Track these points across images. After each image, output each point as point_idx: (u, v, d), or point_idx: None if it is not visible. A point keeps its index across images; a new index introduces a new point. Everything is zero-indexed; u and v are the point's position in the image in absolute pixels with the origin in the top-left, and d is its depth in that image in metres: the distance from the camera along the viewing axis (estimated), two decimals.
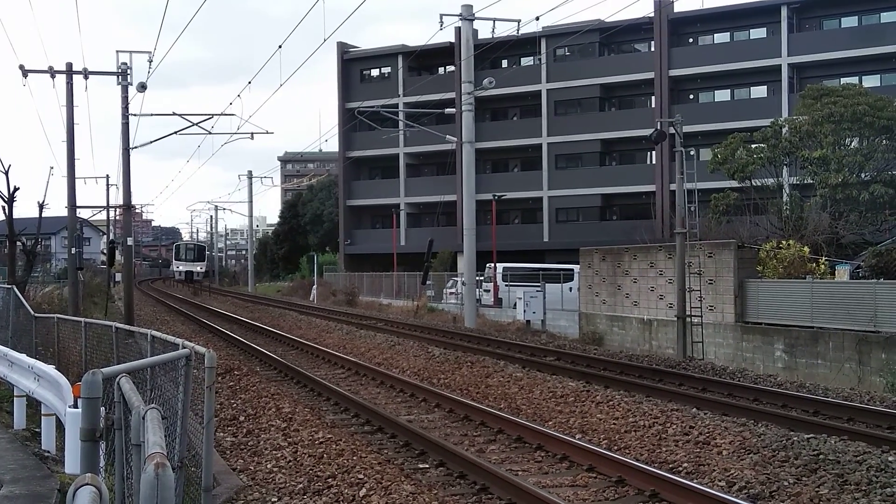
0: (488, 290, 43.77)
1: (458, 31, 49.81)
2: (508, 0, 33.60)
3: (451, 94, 53.59)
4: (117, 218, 63.68)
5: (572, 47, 59.05)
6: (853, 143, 35.37)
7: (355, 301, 50.80)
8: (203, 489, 8.18)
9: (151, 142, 40.13)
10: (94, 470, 5.85)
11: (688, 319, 24.43)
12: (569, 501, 9.12)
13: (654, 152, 55.80)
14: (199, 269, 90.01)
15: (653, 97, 57.15)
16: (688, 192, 25.89)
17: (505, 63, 62.69)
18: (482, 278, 43.17)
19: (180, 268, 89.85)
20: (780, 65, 52.32)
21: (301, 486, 9.82)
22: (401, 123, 49.86)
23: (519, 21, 31.28)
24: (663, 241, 37.72)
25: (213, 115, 32.19)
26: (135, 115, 31.24)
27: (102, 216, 67.91)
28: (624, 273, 30.36)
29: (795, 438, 11.05)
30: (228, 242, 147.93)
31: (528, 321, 34.38)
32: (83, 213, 54.00)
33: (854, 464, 9.95)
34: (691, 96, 58.19)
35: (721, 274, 25.85)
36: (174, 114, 32.22)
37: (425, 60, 64.23)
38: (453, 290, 45.67)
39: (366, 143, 66.12)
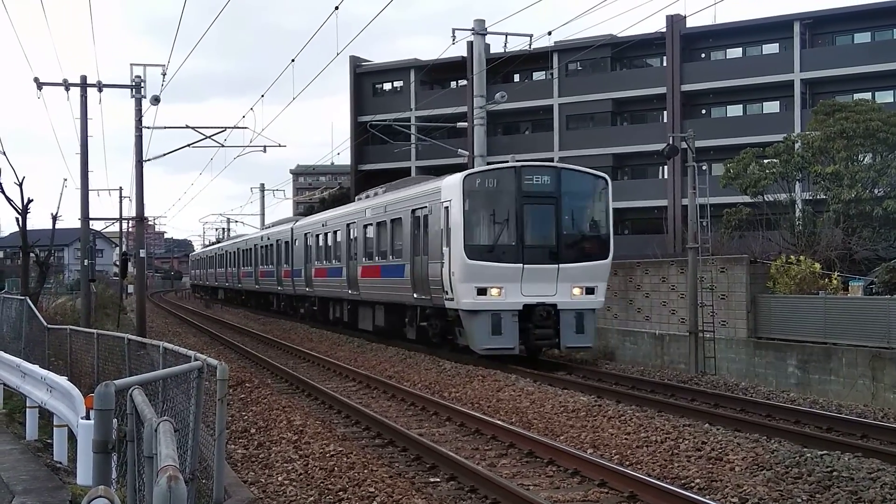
0: None
1: (470, 45, 49.79)
2: (521, 15, 33.75)
3: (463, 108, 53.64)
4: (130, 230, 63.91)
5: (584, 62, 59.08)
6: (866, 159, 35.26)
7: None
8: (214, 501, 8.20)
9: (164, 154, 40.29)
10: (106, 482, 5.87)
11: (700, 334, 24.34)
12: None
13: (666, 167, 55.70)
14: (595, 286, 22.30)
15: (665, 112, 57.08)
16: (700, 206, 25.84)
17: (517, 77, 62.75)
18: None
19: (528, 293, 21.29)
20: (793, 80, 52.21)
21: (312, 499, 9.81)
22: (413, 137, 49.93)
23: (531, 36, 31.35)
24: (675, 255, 37.61)
25: (225, 127, 32.30)
26: (148, 127, 31.36)
27: (115, 228, 68.32)
28: (636, 287, 30.25)
29: (809, 455, 10.98)
30: None
31: None
32: (96, 225, 54.23)
33: (868, 481, 9.88)
34: (703, 111, 58.11)
35: (733, 289, 25.74)
36: (187, 126, 32.36)
37: (437, 74, 64.35)
38: None
39: (378, 157, 66.22)
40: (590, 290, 21.67)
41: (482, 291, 20.57)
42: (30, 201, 31.12)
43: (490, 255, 20.81)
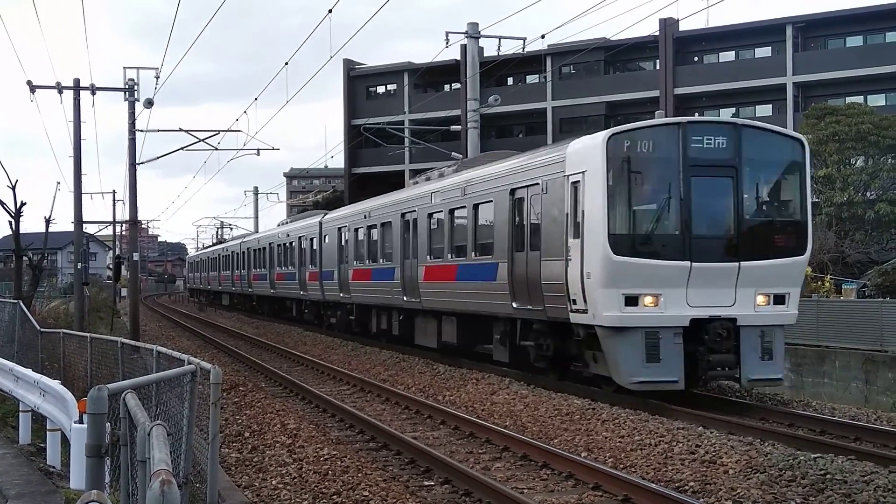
0: None
1: (463, 48, 49.95)
2: (514, 18, 33.79)
3: (457, 112, 53.69)
4: (123, 233, 63.79)
5: (577, 65, 59.16)
6: (858, 162, 35.41)
7: None
8: None
9: (158, 157, 40.32)
10: (99, 486, 5.86)
11: None
12: None
13: None
14: (787, 293, 16.26)
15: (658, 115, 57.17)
16: None
17: (510, 81, 62.82)
18: None
19: None
20: (786, 83, 52.38)
21: (306, 502, 9.80)
22: (406, 140, 49.94)
23: (524, 39, 31.46)
24: None
25: (219, 131, 32.38)
26: (141, 130, 31.36)
27: (109, 231, 68.21)
28: None
29: (802, 458, 10.99)
30: None
31: None
32: (89, 229, 54.17)
33: (861, 483, 9.90)
34: (697, 114, 58.24)
35: None
36: (180, 130, 32.40)
37: (431, 78, 64.40)
38: None
39: (371, 160, 66.25)
40: (779, 299, 15.48)
41: (632, 301, 14.71)
42: (23, 204, 31.04)
43: (644, 248, 14.96)
